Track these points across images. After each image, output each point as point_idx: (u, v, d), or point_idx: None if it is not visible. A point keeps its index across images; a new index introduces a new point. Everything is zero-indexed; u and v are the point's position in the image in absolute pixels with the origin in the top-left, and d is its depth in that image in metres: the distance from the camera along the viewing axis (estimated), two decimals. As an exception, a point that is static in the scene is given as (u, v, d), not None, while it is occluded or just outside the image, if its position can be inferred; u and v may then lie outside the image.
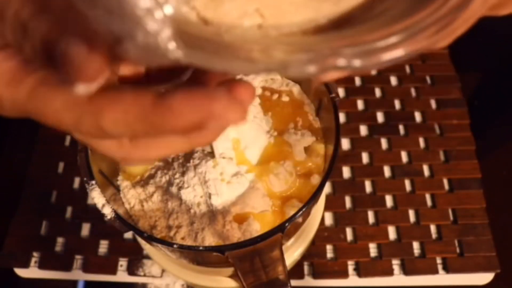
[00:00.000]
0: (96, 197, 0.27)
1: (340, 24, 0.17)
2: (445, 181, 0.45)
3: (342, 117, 0.48)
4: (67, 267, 0.41)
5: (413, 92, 0.50)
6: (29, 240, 0.42)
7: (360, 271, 0.41)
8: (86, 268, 0.41)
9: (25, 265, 0.41)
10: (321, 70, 0.13)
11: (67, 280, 0.42)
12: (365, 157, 0.46)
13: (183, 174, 0.31)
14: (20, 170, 0.46)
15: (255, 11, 0.17)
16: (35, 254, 0.41)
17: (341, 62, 0.13)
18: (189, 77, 0.17)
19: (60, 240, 0.42)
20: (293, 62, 0.14)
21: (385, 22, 0.15)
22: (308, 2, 0.17)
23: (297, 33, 0.17)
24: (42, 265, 0.41)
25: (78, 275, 0.41)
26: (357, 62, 0.13)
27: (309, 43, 0.16)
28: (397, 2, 0.16)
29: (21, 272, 0.41)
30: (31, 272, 0.41)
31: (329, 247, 0.42)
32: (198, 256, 0.31)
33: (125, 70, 0.17)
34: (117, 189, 0.33)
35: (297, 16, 0.17)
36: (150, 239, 0.26)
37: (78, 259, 0.41)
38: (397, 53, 0.13)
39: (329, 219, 0.43)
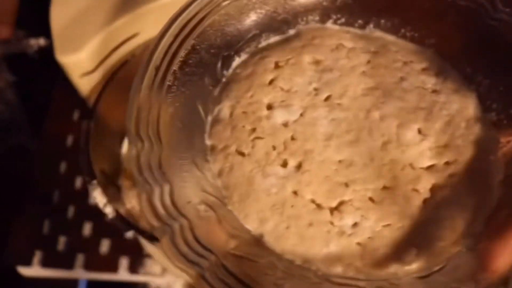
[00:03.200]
0: (98, 196, 0.27)
1: None
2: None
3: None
4: (69, 266, 0.41)
5: None
6: (32, 239, 0.42)
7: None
8: (88, 267, 0.41)
9: (28, 263, 0.41)
10: None
11: (69, 279, 0.42)
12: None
13: (183, 174, 0.31)
14: (23, 170, 0.47)
15: None
16: (37, 253, 0.42)
17: None
18: None
19: (62, 239, 0.42)
20: None
21: None
22: None
23: None
24: (44, 264, 0.41)
25: (80, 273, 0.41)
26: None
27: None
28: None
29: (24, 270, 0.42)
30: (34, 270, 0.41)
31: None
32: (199, 255, 0.31)
33: None
34: (119, 188, 0.33)
35: None
36: (151, 238, 0.26)
37: (80, 257, 0.41)
38: None
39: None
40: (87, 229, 0.43)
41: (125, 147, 0.35)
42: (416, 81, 0.23)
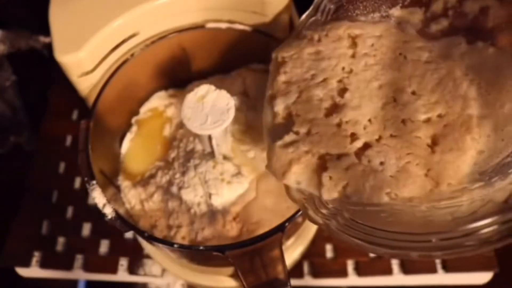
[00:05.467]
0: (97, 197, 0.27)
1: None
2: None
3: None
4: (68, 267, 0.41)
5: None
6: (30, 240, 0.42)
7: (360, 270, 0.41)
8: (87, 268, 0.41)
9: (27, 264, 0.41)
10: None
11: (68, 279, 0.42)
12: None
13: (183, 174, 0.31)
14: (22, 170, 0.46)
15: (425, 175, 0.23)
16: (36, 253, 0.42)
17: None
18: None
19: (61, 239, 0.42)
20: None
21: None
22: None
23: None
24: (43, 265, 0.41)
25: (79, 274, 0.41)
26: None
27: None
28: None
29: (22, 271, 0.41)
30: (32, 271, 0.41)
31: (328, 247, 0.42)
32: (198, 256, 0.31)
33: None
34: (118, 189, 0.33)
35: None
36: (151, 238, 0.26)
37: (79, 258, 0.41)
38: None
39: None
40: (86, 229, 0.43)
41: (124, 147, 0.35)
42: (412, 56, 0.27)
